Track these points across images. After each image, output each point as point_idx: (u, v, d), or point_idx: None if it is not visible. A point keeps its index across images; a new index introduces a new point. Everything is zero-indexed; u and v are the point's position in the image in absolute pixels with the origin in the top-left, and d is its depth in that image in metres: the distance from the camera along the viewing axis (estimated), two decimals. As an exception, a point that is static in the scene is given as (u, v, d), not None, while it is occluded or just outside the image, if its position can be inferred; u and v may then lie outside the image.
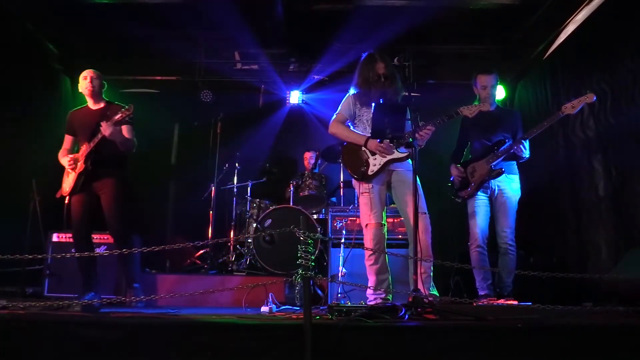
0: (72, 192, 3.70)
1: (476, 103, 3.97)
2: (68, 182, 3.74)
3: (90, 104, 3.90)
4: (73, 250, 3.98)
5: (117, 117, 3.60)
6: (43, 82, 5.59)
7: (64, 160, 3.78)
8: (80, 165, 3.68)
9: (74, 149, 3.87)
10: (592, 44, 4.66)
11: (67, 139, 3.94)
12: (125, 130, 3.78)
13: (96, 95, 3.87)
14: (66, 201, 3.76)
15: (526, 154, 3.79)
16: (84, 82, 3.84)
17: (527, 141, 3.79)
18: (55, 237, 4.49)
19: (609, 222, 4.33)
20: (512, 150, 3.77)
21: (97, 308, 3.13)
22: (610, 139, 4.33)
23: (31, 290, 4.44)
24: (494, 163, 3.81)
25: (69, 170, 3.75)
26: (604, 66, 4.42)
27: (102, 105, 3.88)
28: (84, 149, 3.69)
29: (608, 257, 4.31)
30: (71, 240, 4.41)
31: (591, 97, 3.58)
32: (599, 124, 4.48)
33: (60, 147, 3.98)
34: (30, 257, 2.81)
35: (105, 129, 3.56)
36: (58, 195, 3.80)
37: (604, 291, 3.44)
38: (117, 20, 5.43)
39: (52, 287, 4.32)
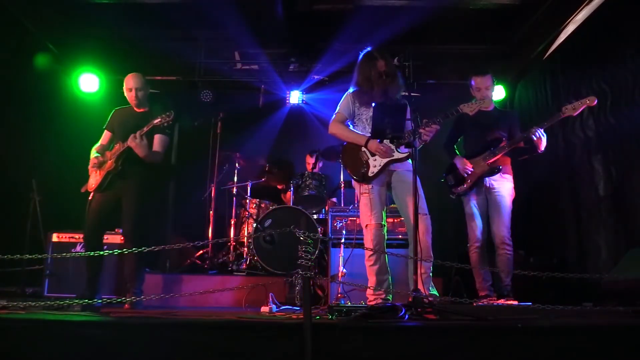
0: (97, 190, 3.67)
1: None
2: (95, 178, 3.71)
3: (135, 107, 3.87)
4: (80, 247, 3.94)
5: (156, 121, 3.58)
6: (43, 82, 5.59)
7: (95, 155, 3.76)
8: (110, 164, 3.65)
9: (108, 146, 3.83)
10: (592, 44, 4.66)
11: (105, 135, 3.90)
12: (157, 140, 3.75)
13: (140, 104, 3.84)
14: (90, 197, 3.71)
15: (544, 143, 3.68)
16: (129, 94, 3.79)
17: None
18: (55, 237, 4.48)
19: (609, 222, 4.34)
20: (526, 138, 3.72)
21: (97, 308, 3.13)
22: (610, 139, 4.33)
23: (31, 290, 4.44)
24: (491, 161, 3.82)
25: (91, 168, 3.73)
26: (604, 66, 4.42)
27: (146, 109, 3.84)
28: (117, 148, 3.67)
29: (608, 257, 4.31)
30: (71, 240, 4.43)
31: (593, 101, 3.55)
32: (599, 124, 4.48)
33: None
34: (30, 257, 2.81)
35: (132, 140, 3.54)
36: (83, 190, 3.76)
37: (604, 291, 3.44)
38: (117, 20, 5.44)
39: (52, 287, 4.32)
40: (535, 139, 3.68)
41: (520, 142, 3.82)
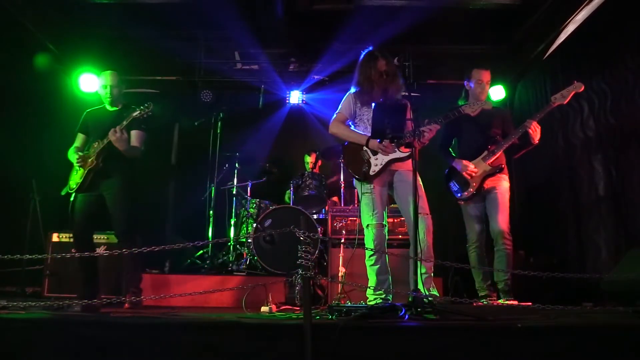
0: (79, 189, 3.66)
1: (461, 102, 3.98)
2: (75, 179, 3.70)
3: (108, 106, 3.88)
4: (73, 249, 3.96)
5: (136, 114, 3.59)
6: (43, 82, 5.59)
7: (74, 157, 3.73)
8: (91, 162, 3.64)
9: (84, 148, 3.83)
10: (592, 44, 4.66)
11: (79, 137, 3.89)
12: (135, 135, 3.75)
13: (114, 101, 3.85)
14: (72, 198, 3.71)
15: (539, 134, 3.73)
16: (103, 91, 3.82)
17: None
18: (55, 237, 4.48)
19: (609, 222, 4.34)
20: (521, 132, 3.75)
21: (97, 308, 3.13)
22: (610, 139, 4.33)
23: (31, 290, 4.44)
24: (491, 161, 3.82)
25: (78, 167, 3.71)
26: (604, 66, 4.42)
27: (119, 107, 3.85)
28: (96, 146, 3.66)
29: (608, 257, 4.31)
30: (71, 240, 4.42)
31: (580, 87, 3.62)
32: (599, 124, 4.48)
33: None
34: (30, 257, 2.81)
35: (112, 134, 3.54)
36: (64, 192, 3.76)
37: (604, 291, 3.44)
38: (117, 20, 5.43)
39: (52, 287, 4.32)
40: (530, 131, 3.70)
41: (515, 138, 3.82)
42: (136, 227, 3.74)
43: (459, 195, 3.94)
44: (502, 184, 3.86)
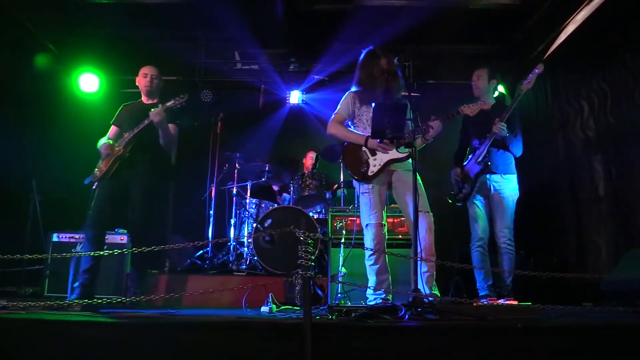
0: (103, 177, 3.61)
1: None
2: (101, 167, 3.66)
3: (144, 99, 3.89)
4: (79, 247, 3.94)
5: (170, 103, 3.62)
6: (43, 82, 5.59)
7: (99, 143, 3.72)
8: (118, 150, 3.62)
9: (116, 141, 3.78)
10: (592, 43, 4.66)
11: (112, 130, 3.87)
12: (170, 129, 3.77)
13: (152, 93, 3.86)
14: (94, 186, 3.67)
15: (505, 132, 3.75)
16: (144, 79, 3.83)
17: (504, 124, 3.76)
18: (55, 237, 4.48)
19: (609, 222, 4.34)
20: (495, 136, 3.79)
21: (97, 308, 3.13)
22: (610, 139, 4.33)
23: (31, 290, 4.44)
24: (480, 159, 3.83)
25: (103, 155, 3.67)
26: (604, 66, 4.42)
27: (155, 101, 3.86)
28: (126, 136, 3.65)
29: (608, 257, 4.31)
30: (71, 240, 4.42)
31: (540, 67, 3.75)
32: (599, 124, 4.48)
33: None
34: (30, 257, 2.81)
35: (155, 114, 3.54)
36: (89, 183, 3.70)
37: (604, 291, 3.44)
38: (117, 20, 5.44)
39: (52, 287, 4.31)
40: (494, 129, 3.75)
41: (495, 133, 3.80)
42: (151, 228, 3.71)
43: (456, 197, 4.02)
44: (507, 185, 3.86)
